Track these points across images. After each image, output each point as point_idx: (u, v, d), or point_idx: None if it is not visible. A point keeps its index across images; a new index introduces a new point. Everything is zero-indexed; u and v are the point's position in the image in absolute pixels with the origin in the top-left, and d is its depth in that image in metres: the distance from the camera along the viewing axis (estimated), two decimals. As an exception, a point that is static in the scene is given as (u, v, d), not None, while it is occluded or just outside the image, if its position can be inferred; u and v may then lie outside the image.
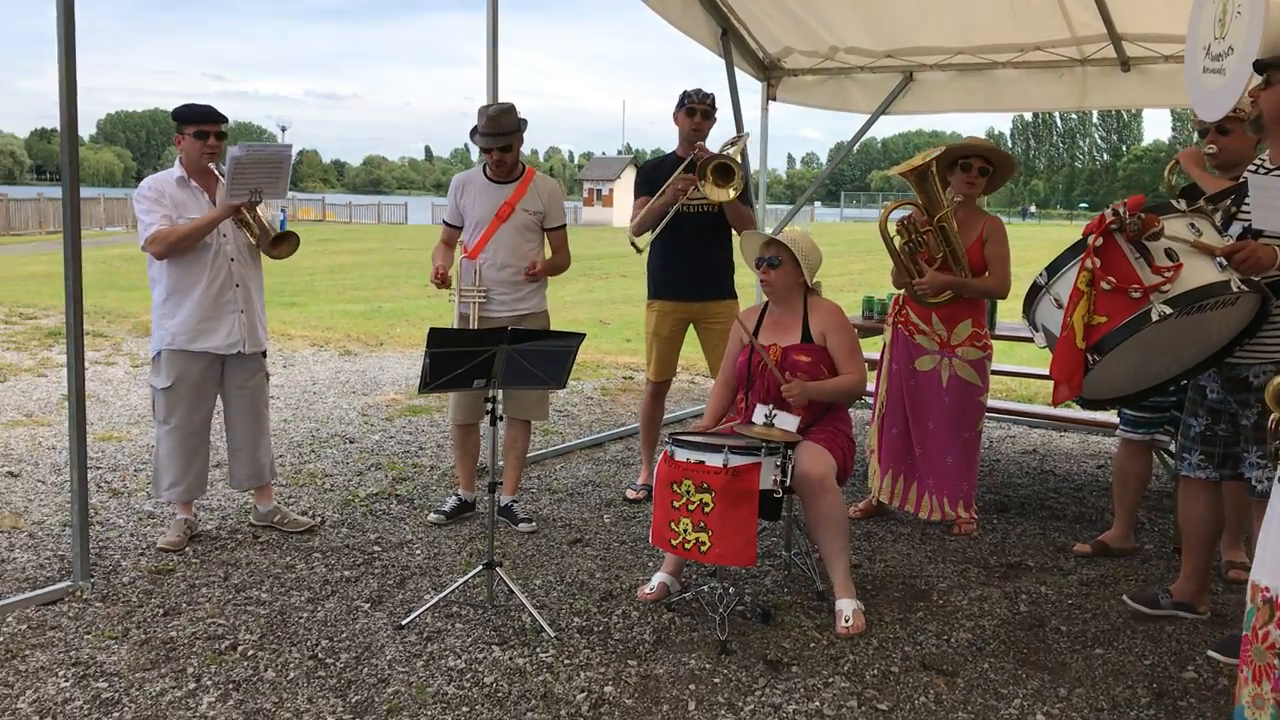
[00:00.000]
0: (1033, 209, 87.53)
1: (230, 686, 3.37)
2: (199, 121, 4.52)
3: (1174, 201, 3.64)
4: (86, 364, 4.12)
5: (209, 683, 3.39)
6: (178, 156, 4.61)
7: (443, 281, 4.86)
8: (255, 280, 4.71)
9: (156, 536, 4.69)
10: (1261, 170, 3.62)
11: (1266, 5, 3.51)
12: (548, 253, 5.12)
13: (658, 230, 5.26)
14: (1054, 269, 3.75)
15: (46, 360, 9.30)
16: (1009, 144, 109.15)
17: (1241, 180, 3.70)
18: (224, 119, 4.60)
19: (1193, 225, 3.53)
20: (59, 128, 3.92)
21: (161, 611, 3.93)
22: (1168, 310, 3.36)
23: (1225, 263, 3.41)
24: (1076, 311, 3.54)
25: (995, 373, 6.74)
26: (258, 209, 4.55)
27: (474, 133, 4.92)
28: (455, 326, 4.79)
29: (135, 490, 5.45)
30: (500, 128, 4.81)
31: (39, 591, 4.03)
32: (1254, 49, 3.55)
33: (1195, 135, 4.32)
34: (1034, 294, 3.83)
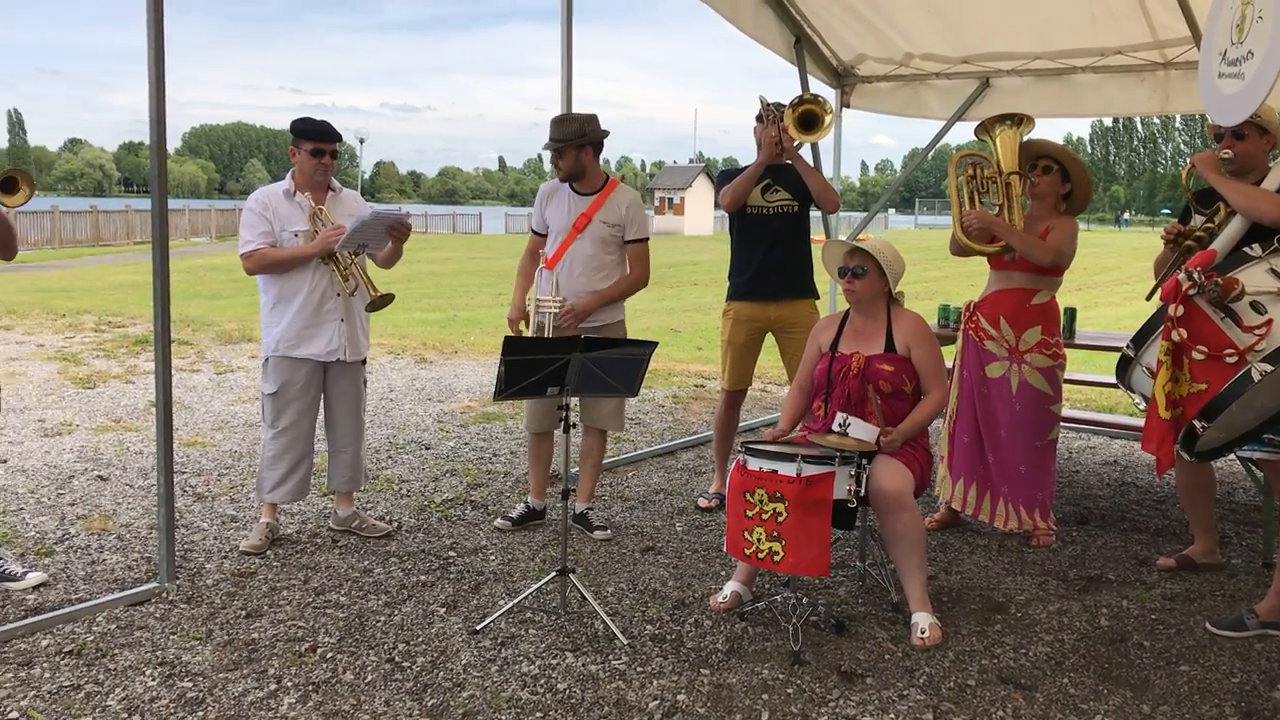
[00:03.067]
0: (1126, 215, 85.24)
1: (310, 688, 3.44)
2: (316, 139, 4.65)
3: (1247, 249, 3.56)
4: (173, 371, 4.24)
5: (289, 684, 3.46)
6: (291, 169, 4.75)
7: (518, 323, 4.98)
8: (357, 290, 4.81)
9: (239, 540, 4.80)
10: None
11: None
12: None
13: (743, 202, 5.27)
14: (1140, 340, 3.71)
15: (134, 367, 9.57)
16: (1087, 149, 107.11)
17: None
18: (338, 137, 4.73)
19: (1272, 270, 3.46)
20: (149, 143, 4.04)
21: (244, 613, 4.02)
22: (1267, 368, 3.30)
23: None
24: (1158, 381, 3.49)
25: (1076, 382, 6.64)
26: (354, 261, 4.68)
27: None
28: (533, 335, 4.84)
29: (219, 494, 5.58)
30: (557, 133, 4.86)
31: (127, 592, 4.16)
32: (1279, 54, 3.46)
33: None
34: (1125, 364, 3.79)
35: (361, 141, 53.07)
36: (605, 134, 4.97)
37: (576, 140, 4.85)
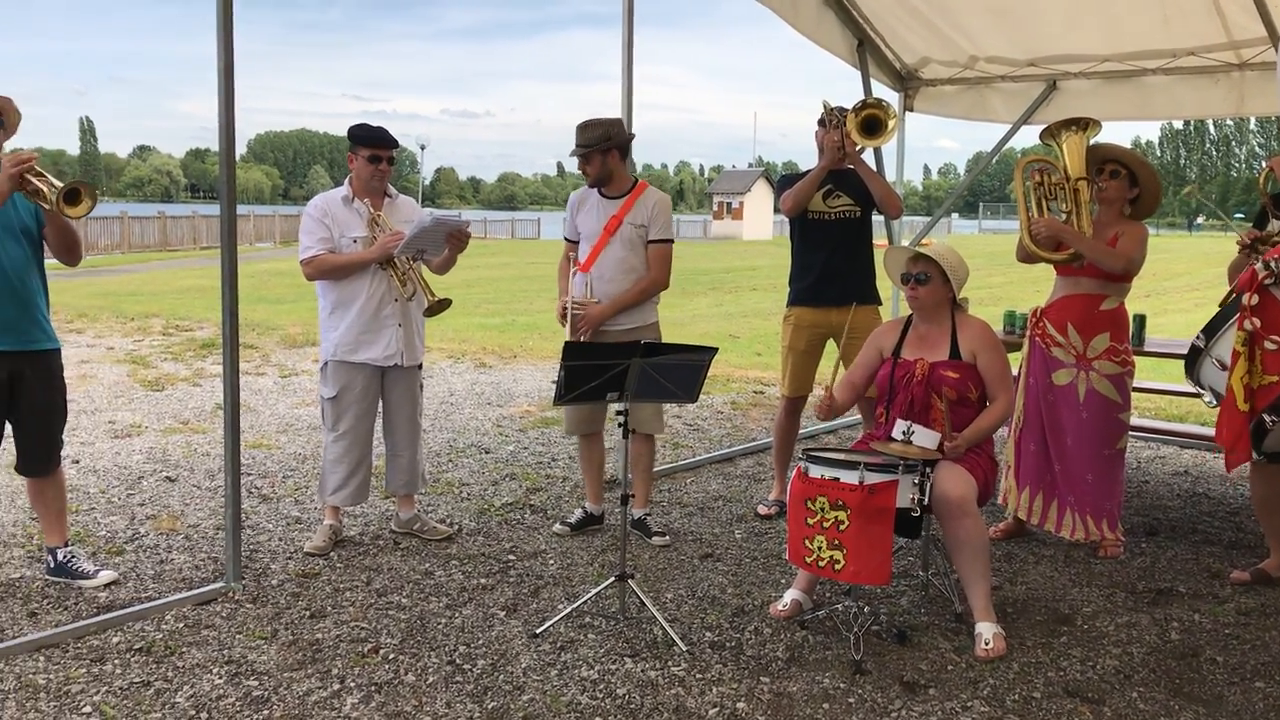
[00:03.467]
0: (1200, 219, 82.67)
1: (372, 689, 3.47)
2: (373, 145, 4.71)
3: None
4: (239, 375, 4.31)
5: (352, 684, 3.50)
6: (348, 175, 4.81)
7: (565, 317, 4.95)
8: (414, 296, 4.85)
9: (303, 541, 4.87)
10: None
11: None
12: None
13: (804, 206, 5.23)
14: (1211, 330, 3.63)
15: (201, 370, 9.75)
16: (1157, 153, 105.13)
17: None
18: (394, 144, 4.78)
19: None
20: (215, 150, 4.10)
21: (308, 614, 4.07)
22: None
23: None
24: (1235, 373, 3.42)
25: (1145, 390, 6.51)
26: (412, 267, 4.70)
27: None
28: (568, 338, 4.82)
29: (283, 496, 5.66)
30: (582, 139, 4.85)
31: (194, 591, 4.23)
32: None
33: None
34: (1195, 356, 3.70)
35: (423, 148, 53.52)
36: (631, 136, 4.99)
37: (601, 145, 4.84)
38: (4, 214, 3.95)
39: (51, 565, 4.32)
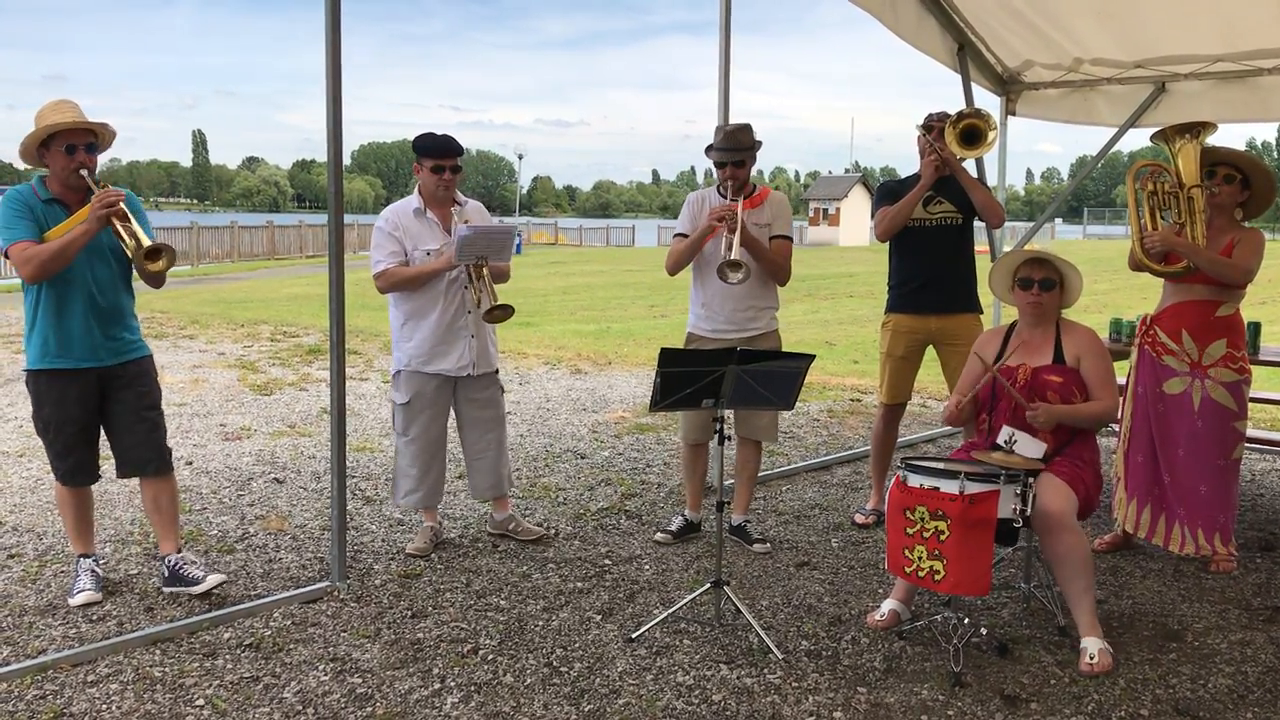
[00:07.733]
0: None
1: (472, 689, 3.53)
2: (434, 156, 4.71)
3: None
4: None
5: (452, 684, 3.57)
6: (416, 185, 4.84)
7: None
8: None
9: (405, 542, 4.97)
10: None
11: None
12: None
13: (899, 231, 5.20)
14: None
15: (307, 375, 10.01)
16: (1274, 154, 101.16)
17: None
18: (458, 151, 4.75)
19: None
20: (321, 161, 4.24)
21: (410, 613, 4.16)
22: None
23: None
24: None
25: (1261, 400, 6.28)
26: (484, 276, 4.67)
27: (709, 149, 4.95)
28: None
29: (386, 498, 5.79)
30: (736, 143, 4.83)
31: (301, 590, 4.35)
32: None
33: None
34: None
35: (520, 157, 54.28)
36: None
37: (756, 148, 4.89)
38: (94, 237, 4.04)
39: (165, 574, 4.33)
